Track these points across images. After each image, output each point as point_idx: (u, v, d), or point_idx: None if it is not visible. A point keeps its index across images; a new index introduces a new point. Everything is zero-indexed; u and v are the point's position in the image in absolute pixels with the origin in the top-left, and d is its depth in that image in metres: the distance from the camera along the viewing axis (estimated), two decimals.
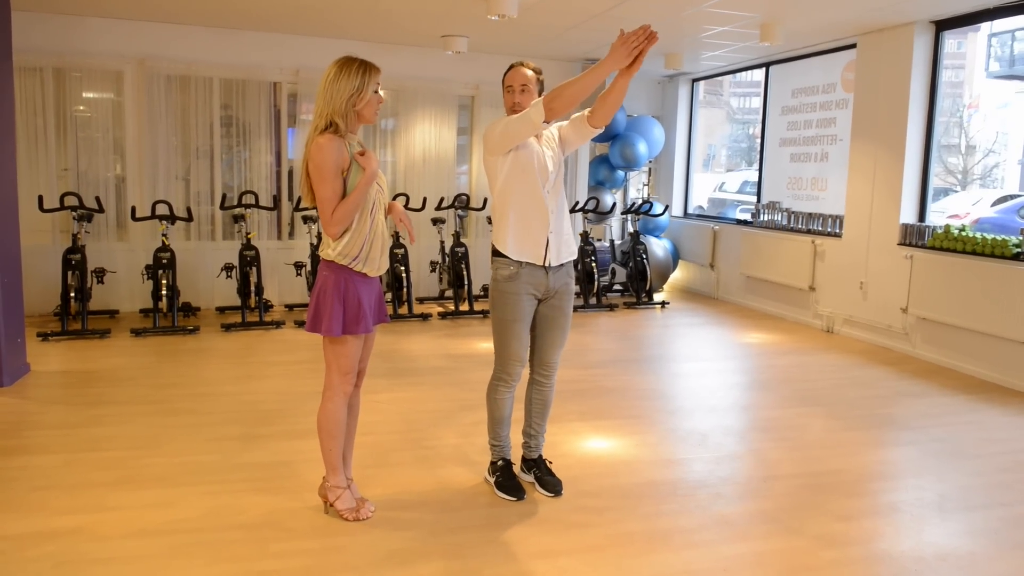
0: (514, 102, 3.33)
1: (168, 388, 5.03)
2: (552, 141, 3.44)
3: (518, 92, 3.33)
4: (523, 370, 3.45)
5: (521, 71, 3.35)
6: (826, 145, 7.68)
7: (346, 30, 7.48)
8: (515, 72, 3.36)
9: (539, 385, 3.55)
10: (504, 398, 3.49)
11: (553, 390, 3.58)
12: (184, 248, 7.41)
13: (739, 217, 9.42)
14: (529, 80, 3.33)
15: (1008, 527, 3.33)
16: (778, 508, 3.45)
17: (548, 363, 3.51)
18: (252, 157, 7.80)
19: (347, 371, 3.15)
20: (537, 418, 3.60)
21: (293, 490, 3.48)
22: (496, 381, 3.47)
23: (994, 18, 6.02)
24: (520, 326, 3.37)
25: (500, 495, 3.45)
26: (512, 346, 3.39)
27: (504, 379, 3.45)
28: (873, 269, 6.81)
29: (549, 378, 3.54)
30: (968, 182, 21.28)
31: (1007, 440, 4.47)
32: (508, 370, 3.42)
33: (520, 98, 3.32)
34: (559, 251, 3.38)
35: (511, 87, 3.35)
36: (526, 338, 3.42)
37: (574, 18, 6.67)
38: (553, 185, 3.37)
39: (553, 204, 3.35)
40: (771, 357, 6.40)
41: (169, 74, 7.40)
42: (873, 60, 6.76)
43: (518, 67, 3.37)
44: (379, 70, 3.08)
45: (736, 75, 9.23)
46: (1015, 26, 18.25)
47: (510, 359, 3.40)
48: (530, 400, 3.59)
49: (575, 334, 7.09)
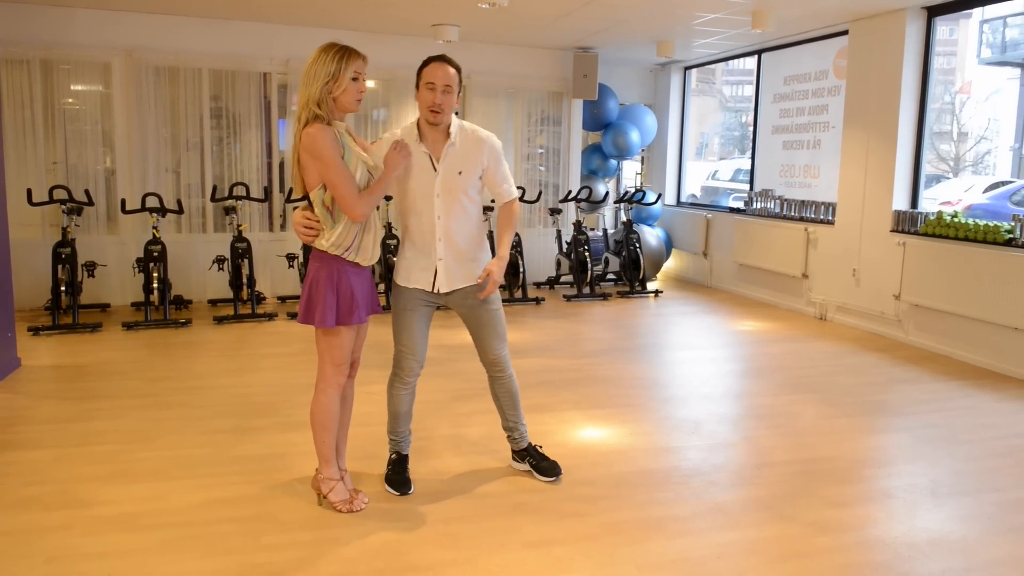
0: (434, 101, 3.09)
1: (160, 381, 5.01)
2: (468, 165, 3.22)
3: (440, 91, 3.09)
4: (419, 368, 3.34)
5: (447, 69, 3.11)
6: (818, 132, 7.68)
7: (336, 19, 7.42)
8: (439, 68, 3.10)
9: (496, 380, 3.49)
10: (398, 394, 3.39)
11: (514, 381, 3.51)
12: (175, 241, 7.37)
13: (732, 205, 9.42)
14: (453, 80, 3.12)
15: (1000, 512, 3.34)
16: (771, 495, 3.45)
17: (493, 360, 3.43)
18: (242, 149, 7.76)
19: (340, 362, 3.13)
20: (508, 411, 3.56)
21: (286, 482, 3.46)
22: (392, 376, 3.39)
23: (985, 3, 6.02)
24: (410, 316, 3.30)
25: (386, 488, 3.40)
26: (403, 338, 3.31)
27: (398, 374, 3.36)
28: (866, 256, 6.82)
29: (503, 371, 3.45)
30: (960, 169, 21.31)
31: (1000, 425, 4.48)
32: (400, 363, 3.34)
33: (442, 99, 3.09)
34: (450, 280, 3.27)
35: (432, 84, 3.09)
36: (419, 333, 3.31)
37: (566, 6, 6.63)
38: (448, 208, 3.20)
39: (447, 229, 3.21)
40: (764, 345, 6.40)
41: (158, 65, 7.34)
42: (865, 47, 6.75)
43: (442, 63, 3.12)
44: (360, 56, 2.99)
45: (728, 63, 9.21)
46: (1007, 12, 18.26)
47: (402, 352, 3.33)
48: (495, 396, 3.54)
49: (570, 323, 7.09)
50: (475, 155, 3.25)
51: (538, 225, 9.15)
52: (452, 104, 3.17)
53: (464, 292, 3.33)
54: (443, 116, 3.15)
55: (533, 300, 7.96)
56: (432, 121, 3.17)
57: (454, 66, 3.17)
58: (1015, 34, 19.08)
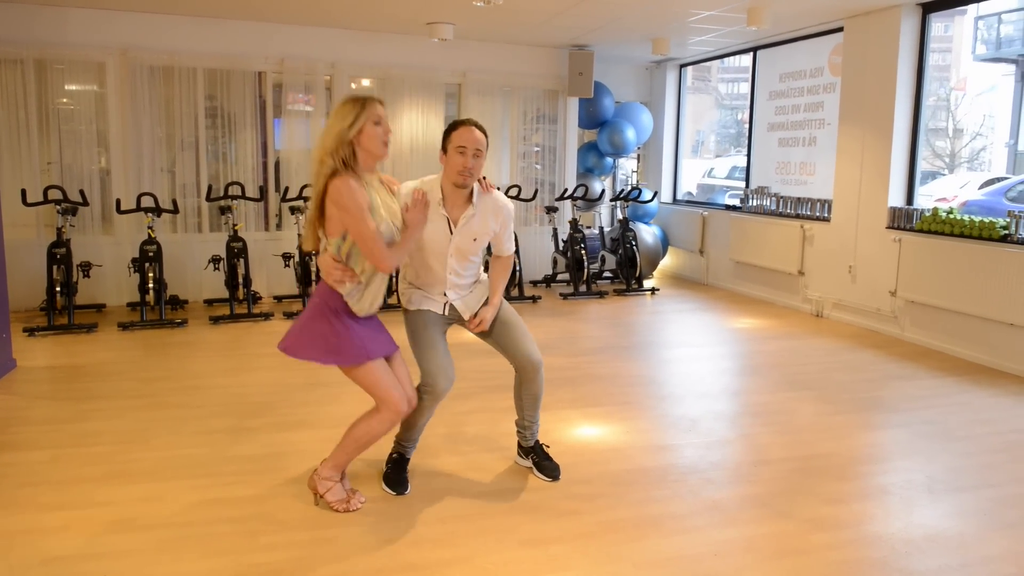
0: (465, 166, 3.11)
1: (156, 382, 5.00)
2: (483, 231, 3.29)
3: (471, 155, 3.11)
4: (450, 385, 3.28)
5: (477, 134, 3.13)
6: (814, 129, 7.68)
7: (331, 18, 7.41)
8: (470, 132, 3.13)
9: (531, 380, 3.47)
10: (426, 407, 3.32)
11: (542, 385, 3.51)
12: (171, 241, 7.35)
13: (728, 203, 9.42)
14: (483, 145, 3.14)
15: (997, 507, 3.35)
16: (768, 492, 3.45)
17: (536, 361, 3.41)
18: (238, 148, 7.74)
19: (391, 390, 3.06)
20: (529, 411, 3.57)
21: (284, 482, 3.46)
22: (426, 396, 3.28)
23: (980, 0, 6.01)
24: (431, 332, 3.30)
25: (384, 487, 3.39)
26: (428, 356, 3.26)
27: (432, 395, 3.28)
28: (862, 253, 6.83)
29: (537, 367, 3.45)
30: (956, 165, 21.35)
31: (996, 421, 4.49)
32: (436, 385, 3.25)
33: (472, 163, 3.11)
34: (464, 305, 3.36)
35: (463, 148, 3.10)
36: (443, 348, 3.30)
37: (561, 4, 6.63)
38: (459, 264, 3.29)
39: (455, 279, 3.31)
40: (761, 342, 6.41)
41: (152, 65, 7.33)
42: (860, 43, 6.75)
43: (472, 127, 3.14)
44: (377, 102, 2.98)
45: (724, 61, 9.21)
46: (1001, 8, 18.29)
47: (431, 373, 3.25)
48: (519, 395, 3.54)
49: (567, 321, 7.09)
50: (492, 222, 3.31)
51: (534, 223, 9.15)
52: (480, 168, 3.19)
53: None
54: (471, 180, 3.19)
55: (530, 298, 7.96)
56: (460, 184, 3.18)
57: (483, 131, 3.19)
58: (1010, 30, 19.11)
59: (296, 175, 7.84)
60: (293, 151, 7.95)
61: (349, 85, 8.11)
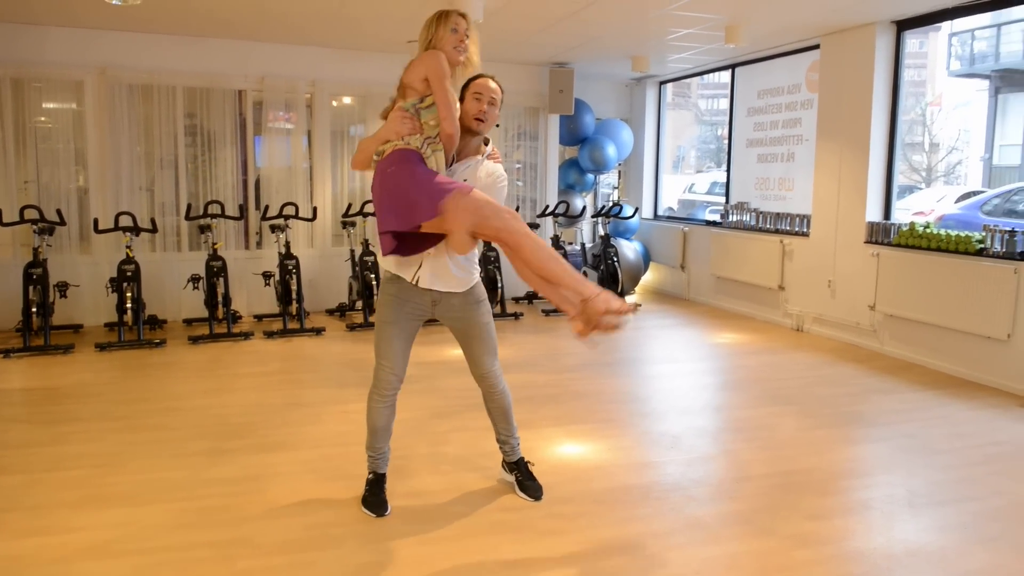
0: (480, 109, 3.19)
1: (134, 403, 4.93)
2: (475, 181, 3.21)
3: (487, 103, 3.21)
4: (398, 383, 3.29)
5: (493, 84, 3.25)
6: (792, 145, 7.76)
7: (311, 36, 7.41)
8: (487, 83, 3.24)
9: (488, 395, 3.48)
10: (376, 408, 3.32)
11: (506, 395, 3.50)
12: (149, 260, 7.28)
13: (708, 218, 9.48)
14: (498, 95, 3.25)
15: (977, 521, 3.37)
16: (751, 509, 3.45)
17: (484, 374, 3.42)
18: (218, 166, 7.71)
19: (494, 206, 2.89)
20: (501, 424, 3.55)
21: (262, 505, 3.42)
22: (371, 389, 3.33)
23: (953, 17, 6.12)
24: (392, 329, 3.25)
25: (363, 509, 3.35)
26: (383, 350, 3.26)
27: (377, 387, 3.30)
28: (841, 267, 6.88)
29: (494, 386, 3.44)
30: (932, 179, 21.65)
31: (975, 434, 4.52)
32: (379, 376, 3.28)
33: (488, 109, 3.21)
34: (433, 277, 3.21)
35: (480, 95, 3.21)
36: (400, 347, 3.27)
37: (540, 22, 6.67)
38: None
39: None
40: (742, 357, 6.43)
41: (131, 83, 7.29)
42: (836, 60, 6.84)
43: (489, 79, 3.26)
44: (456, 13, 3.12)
45: (704, 77, 9.29)
46: (975, 25, 18.62)
47: (381, 365, 3.28)
48: (488, 410, 3.55)
49: (548, 338, 7.08)
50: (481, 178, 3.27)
51: None
52: (495, 118, 3.26)
53: (453, 305, 3.31)
54: (485, 126, 3.24)
55: (512, 315, 7.95)
56: (475, 129, 3.22)
57: (499, 85, 3.29)
58: (983, 47, 19.44)
59: (276, 193, 7.81)
60: (273, 169, 7.93)
61: (330, 103, 8.11)
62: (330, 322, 7.60)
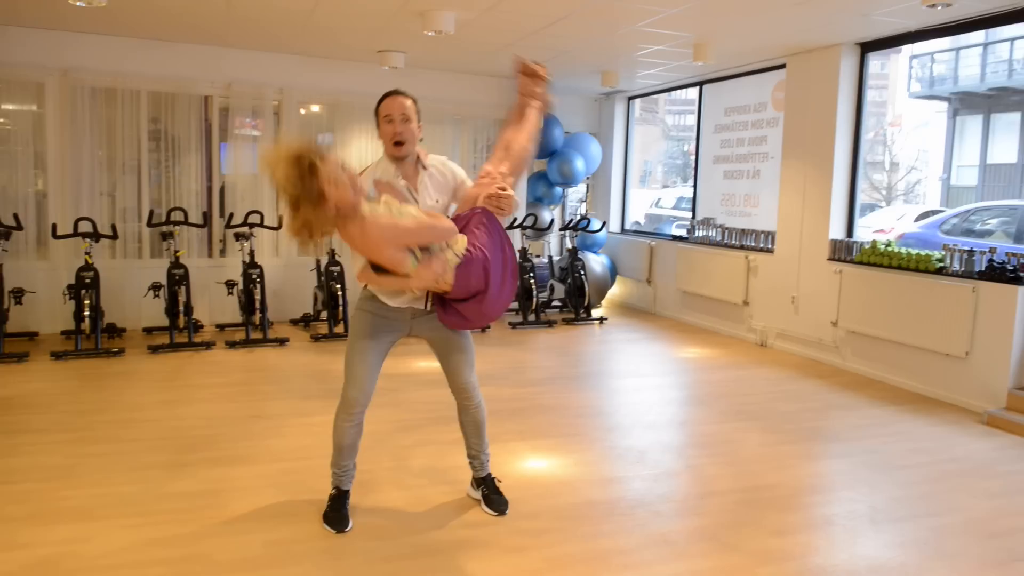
0: (395, 131, 3.14)
1: (90, 414, 4.81)
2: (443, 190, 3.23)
3: (399, 122, 3.15)
4: (366, 402, 3.22)
5: (400, 100, 3.18)
6: (758, 163, 7.85)
7: (282, 44, 7.35)
8: (393, 101, 3.18)
9: (464, 409, 3.45)
10: (342, 426, 3.26)
11: (482, 410, 3.47)
12: (109, 267, 7.12)
13: (675, 233, 9.55)
14: (409, 110, 3.18)
15: (936, 537, 3.41)
16: (716, 525, 3.45)
17: (462, 386, 3.39)
18: (181, 172, 7.58)
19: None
20: (473, 439, 3.53)
21: (221, 520, 3.34)
22: (338, 407, 3.27)
23: (915, 41, 6.25)
24: (367, 344, 3.20)
25: (324, 525, 3.29)
26: (351, 366, 3.21)
27: (343, 405, 3.23)
28: (804, 284, 6.97)
29: (471, 399, 3.42)
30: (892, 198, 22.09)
31: (933, 451, 4.59)
32: (347, 395, 3.22)
33: (402, 127, 3.14)
34: (413, 297, 3.17)
35: (390, 116, 3.16)
36: (370, 364, 3.21)
37: (511, 36, 6.68)
38: None
39: None
40: (707, 372, 6.47)
41: (94, 86, 7.15)
42: (801, 80, 6.94)
43: (395, 95, 3.20)
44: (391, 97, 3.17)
45: (671, 93, 9.39)
46: (934, 48, 19.07)
47: (348, 383, 3.21)
48: (462, 424, 3.51)
49: (515, 351, 7.06)
50: (447, 180, 3.28)
51: None
52: (414, 133, 3.19)
53: (432, 318, 3.24)
54: (407, 146, 3.17)
55: (479, 328, 7.91)
56: (396, 154, 3.17)
57: (408, 96, 3.21)
58: (942, 69, 19.92)
59: (242, 201, 7.71)
60: (239, 176, 7.82)
61: (298, 111, 8.03)
62: (294, 332, 7.50)
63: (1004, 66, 18.61)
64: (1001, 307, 5.28)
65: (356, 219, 2.72)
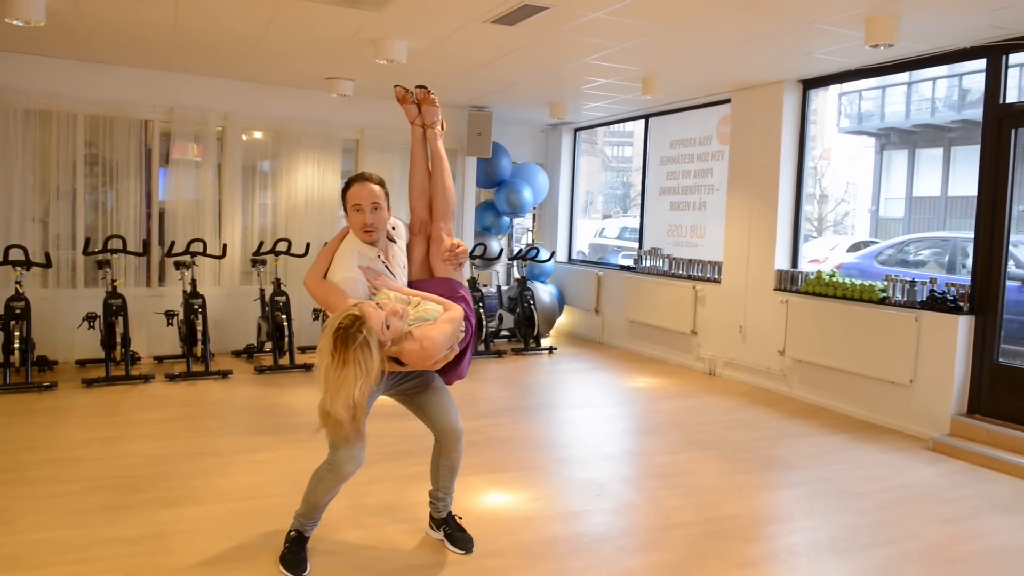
0: (365, 222, 3.02)
1: (21, 453, 4.53)
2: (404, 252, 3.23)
3: (369, 211, 3.02)
4: (355, 469, 3.07)
5: (370, 187, 3.04)
6: (704, 194, 7.99)
7: (227, 68, 7.19)
8: (363, 188, 3.04)
9: (448, 450, 3.34)
10: (329, 489, 3.12)
11: (461, 455, 3.38)
12: (40, 296, 6.79)
13: (622, 263, 9.63)
14: (379, 197, 3.05)
15: (896, 565, 3.44)
16: (680, 558, 3.42)
17: (453, 426, 3.29)
18: (119, 198, 7.31)
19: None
20: (445, 481, 3.43)
21: (168, 567, 3.16)
22: (327, 471, 3.09)
23: (854, 79, 6.47)
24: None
25: (280, 568, 3.13)
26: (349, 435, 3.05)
27: (336, 472, 3.07)
28: (751, 313, 7.08)
29: (459, 440, 3.32)
30: (823, 229, 22.81)
31: (884, 477, 4.67)
32: (340, 462, 3.04)
33: (372, 217, 3.02)
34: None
35: (359, 206, 3.02)
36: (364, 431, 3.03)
37: (462, 66, 6.68)
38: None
39: None
40: (658, 401, 6.49)
41: (27, 108, 6.86)
42: (746, 115, 7.11)
43: (364, 182, 3.06)
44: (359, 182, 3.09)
45: (610, 126, 9.49)
46: (862, 87, 19.88)
47: (349, 453, 3.03)
48: (437, 466, 3.40)
49: (465, 382, 6.90)
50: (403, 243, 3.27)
51: None
52: (384, 219, 3.10)
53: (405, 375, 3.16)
54: (377, 234, 3.09)
55: None
56: (368, 241, 3.09)
57: (376, 182, 3.11)
58: (870, 106, 20.77)
59: (182, 227, 7.48)
60: (179, 202, 7.59)
61: (241, 137, 7.86)
62: (237, 364, 7.26)
63: (927, 104, 19.52)
64: (943, 336, 5.44)
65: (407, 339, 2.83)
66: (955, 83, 19.00)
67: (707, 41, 5.58)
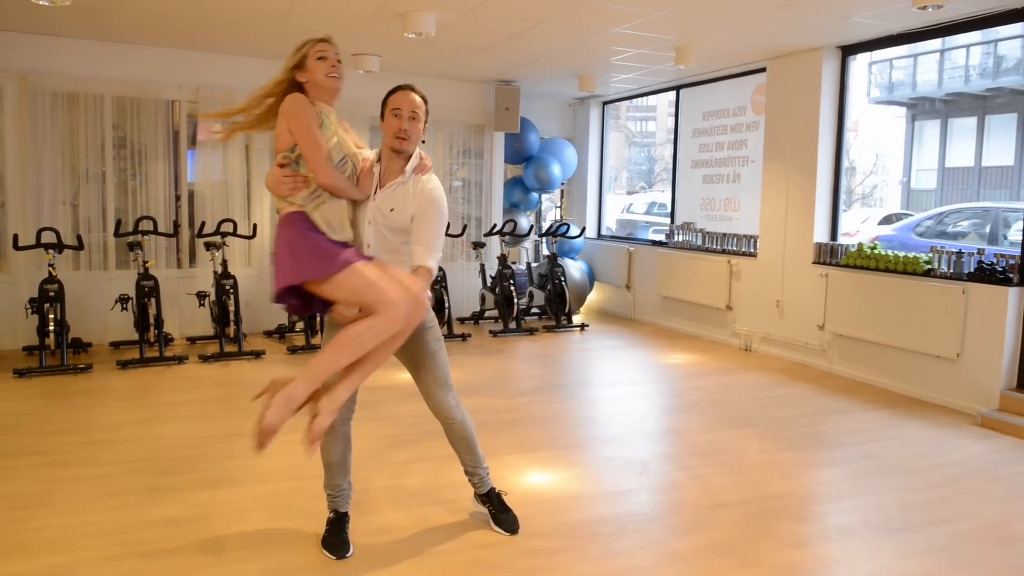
0: (400, 127, 2.97)
1: (58, 436, 4.53)
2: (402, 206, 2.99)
3: (406, 119, 2.98)
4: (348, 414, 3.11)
5: (412, 96, 3.02)
6: (738, 167, 7.81)
7: (252, 47, 7.11)
8: (405, 95, 3.01)
9: (446, 427, 3.27)
10: (325, 442, 3.08)
11: (466, 426, 3.27)
12: (73, 279, 6.81)
13: (652, 238, 9.49)
14: (419, 108, 3.02)
15: (954, 544, 3.33)
16: (731, 539, 3.34)
17: (436, 408, 3.20)
18: (148, 180, 7.29)
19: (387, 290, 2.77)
20: (466, 455, 3.34)
21: (213, 549, 3.13)
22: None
23: (897, 44, 6.24)
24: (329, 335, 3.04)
25: (323, 551, 3.10)
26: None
27: None
28: (789, 287, 6.92)
29: (450, 419, 3.22)
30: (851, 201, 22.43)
31: (934, 454, 4.54)
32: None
33: (408, 125, 2.98)
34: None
35: (398, 111, 2.99)
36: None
37: (490, 39, 6.55)
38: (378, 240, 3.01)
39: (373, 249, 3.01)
40: (694, 378, 6.38)
41: (55, 91, 6.83)
42: (782, 84, 6.92)
43: (408, 91, 3.03)
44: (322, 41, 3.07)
45: (634, 100, 9.29)
46: (893, 55, 19.41)
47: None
48: (450, 442, 3.32)
49: (499, 360, 6.90)
50: (412, 200, 3.01)
51: (460, 259, 8.97)
52: (419, 133, 3.03)
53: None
54: (409, 144, 3.01)
55: (459, 336, 7.75)
56: (397, 148, 3.01)
57: (421, 95, 3.06)
58: (901, 75, 20.28)
59: (211, 209, 7.44)
60: (207, 184, 7.55)
61: None
62: (269, 344, 7.25)
63: (960, 72, 19.02)
64: (992, 308, 5.27)
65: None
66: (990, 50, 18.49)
67: (742, 7, 5.40)
